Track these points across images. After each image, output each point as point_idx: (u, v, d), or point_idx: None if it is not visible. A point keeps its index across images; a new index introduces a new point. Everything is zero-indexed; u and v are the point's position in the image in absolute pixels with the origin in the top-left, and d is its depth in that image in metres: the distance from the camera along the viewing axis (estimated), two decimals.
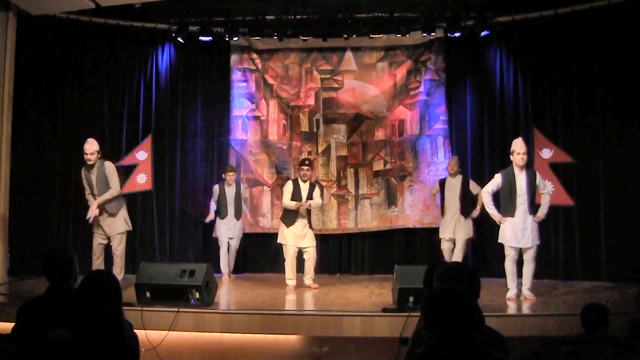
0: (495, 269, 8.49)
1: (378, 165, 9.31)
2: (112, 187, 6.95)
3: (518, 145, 6.61)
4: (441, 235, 8.13)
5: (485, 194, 6.72)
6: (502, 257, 7.50)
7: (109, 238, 7.07)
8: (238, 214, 8.48)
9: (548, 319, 5.67)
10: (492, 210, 6.69)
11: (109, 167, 7.03)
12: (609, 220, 8.00)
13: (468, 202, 7.99)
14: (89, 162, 6.91)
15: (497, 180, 6.67)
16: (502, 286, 7.24)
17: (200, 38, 8.89)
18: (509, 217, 6.57)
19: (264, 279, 8.45)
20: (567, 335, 4.85)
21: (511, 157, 6.64)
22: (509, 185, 6.57)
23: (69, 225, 8.74)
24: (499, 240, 6.72)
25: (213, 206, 8.55)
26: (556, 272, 8.22)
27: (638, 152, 7.86)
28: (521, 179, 6.55)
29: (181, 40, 8.97)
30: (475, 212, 8.01)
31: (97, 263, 7.02)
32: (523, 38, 8.74)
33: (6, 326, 4.31)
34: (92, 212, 6.91)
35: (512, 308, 6.26)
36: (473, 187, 8.07)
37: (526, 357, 3.28)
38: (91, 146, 6.92)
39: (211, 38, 8.90)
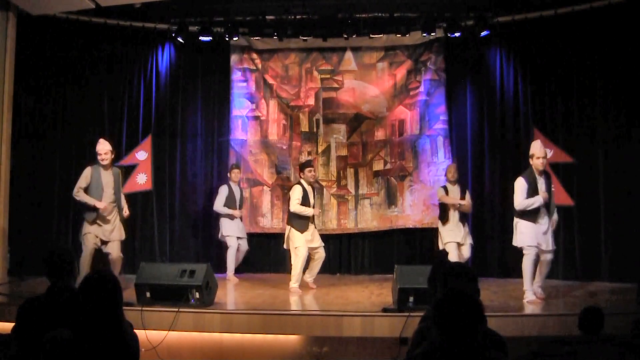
0: (495, 269, 8.52)
1: (378, 165, 9.31)
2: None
3: (537, 149, 6.46)
4: (450, 240, 7.65)
5: (522, 201, 6.40)
6: (502, 258, 7.52)
7: (102, 242, 6.87)
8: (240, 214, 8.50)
9: (548, 319, 5.67)
10: (534, 200, 6.35)
11: (119, 174, 7.06)
12: (609, 220, 7.99)
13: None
14: (103, 163, 6.83)
15: (522, 185, 6.42)
16: (502, 286, 7.26)
17: (200, 38, 8.89)
18: (531, 222, 6.42)
19: (264, 279, 8.45)
20: (567, 335, 4.85)
21: (530, 161, 6.51)
22: (532, 189, 6.41)
23: (69, 225, 8.73)
24: (515, 243, 6.57)
25: (223, 210, 8.36)
26: (556, 272, 8.20)
27: (638, 152, 7.87)
28: (541, 182, 6.46)
29: (181, 40, 8.96)
30: (466, 208, 7.81)
31: (86, 267, 6.69)
32: (523, 38, 8.74)
33: (6, 326, 4.31)
34: (126, 213, 6.90)
35: (512, 308, 6.25)
36: (467, 198, 7.82)
37: (526, 357, 3.28)
38: (104, 146, 6.87)
39: (211, 38, 8.89)
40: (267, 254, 9.27)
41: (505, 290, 6.91)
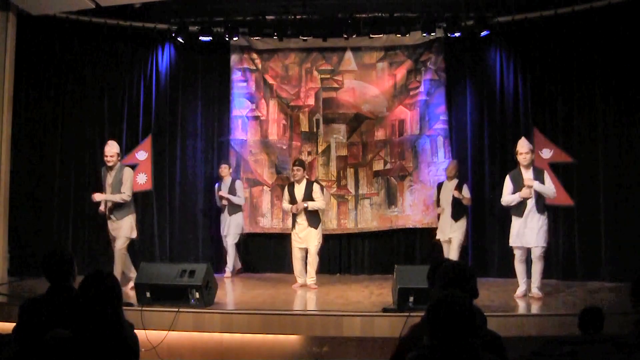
0: (495, 269, 8.51)
1: (378, 165, 9.31)
2: (123, 192, 6.99)
3: (520, 145, 6.73)
4: (439, 237, 8.13)
5: (504, 198, 6.75)
6: (502, 258, 7.52)
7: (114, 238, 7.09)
8: (231, 210, 8.50)
9: (548, 319, 5.67)
10: (513, 197, 6.63)
11: (127, 173, 7.09)
12: (609, 220, 7.99)
13: (459, 206, 7.93)
14: (109, 164, 6.96)
15: (507, 182, 6.77)
16: (502, 286, 7.26)
17: (200, 38, 8.89)
18: (517, 217, 6.62)
19: (264, 279, 8.45)
20: (567, 335, 4.85)
21: (517, 158, 6.72)
22: (517, 185, 6.64)
23: (69, 225, 8.74)
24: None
25: (218, 202, 8.69)
26: (556, 272, 8.22)
27: (638, 152, 7.87)
28: (528, 175, 6.59)
29: (181, 40, 8.97)
30: (464, 200, 7.91)
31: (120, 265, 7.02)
32: (523, 38, 8.74)
33: (6, 326, 4.31)
34: (99, 197, 6.99)
35: (512, 308, 6.25)
36: (464, 191, 7.95)
37: (526, 357, 3.28)
38: (111, 148, 6.99)
39: (211, 38, 8.89)
40: (267, 254, 9.26)
41: (505, 290, 6.91)
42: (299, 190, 7.58)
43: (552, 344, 3.25)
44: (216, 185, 8.72)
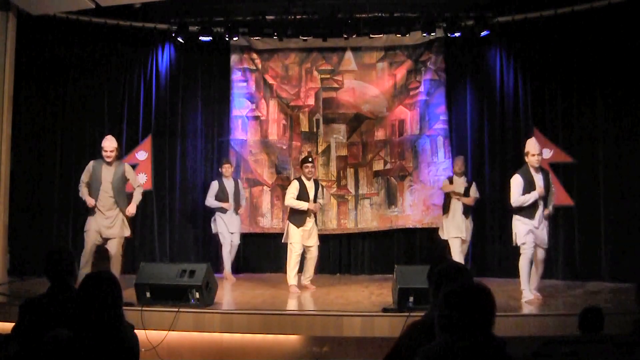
0: (495, 269, 8.51)
1: (378, 165, 9.31)
2: (138, 186, 7.25)
3: (532, 146, 6.50)
4: (450, 235, 7.86)
5: (518, 198, 6.44)
6: (502, 258, 7.47)
7: (104, 240, 6.96)
8: (237, 209, 8.47)
9: (548, 319, 5.68)
10: (529, 196, 6.35)
11: (129, 168, 7.18)
12: (609, 220, 8.00)
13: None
14: (108, 159, 6.94)
15: (519, 181, 6.46)
16: (502, 286, 7.24)
17: (200, 38, 8.90)
18: (528, 218, 6.42)
19: (264, 279, 8.45)
20: (567, 335, 4.85)
21: (525, 158, 6.55)
22: (529, 186, 6.44)
23: (69, 225, 8.74)
24: (517, 243, 6.55)
25: (214, 203, 8.41)
26: (556, 272, 8.22)
27: (638, 152, 7.87)
28: (538, 179, 6.49)
29: (181, 40, 8.97)
30: (467, 200, 7.88)
31: (87, 267, 6.76)
32: (523, 38, 8.74)
33: (6, 326, 4.31)
34: (133, 207, 7.06)
35: (512, 308, 6.24)
36: (473, 190, 7.98)
37: (526, 357, 3.28)
38: (111, 143, 6.97)
39: (211, 38, 8.90)
40: (267, 254, 9.26)
41: (505, 290, 6.90)
42: (311, 187, 7.57)
43: (552, 344, 3.26)
44: (214, 182, 8.57)
